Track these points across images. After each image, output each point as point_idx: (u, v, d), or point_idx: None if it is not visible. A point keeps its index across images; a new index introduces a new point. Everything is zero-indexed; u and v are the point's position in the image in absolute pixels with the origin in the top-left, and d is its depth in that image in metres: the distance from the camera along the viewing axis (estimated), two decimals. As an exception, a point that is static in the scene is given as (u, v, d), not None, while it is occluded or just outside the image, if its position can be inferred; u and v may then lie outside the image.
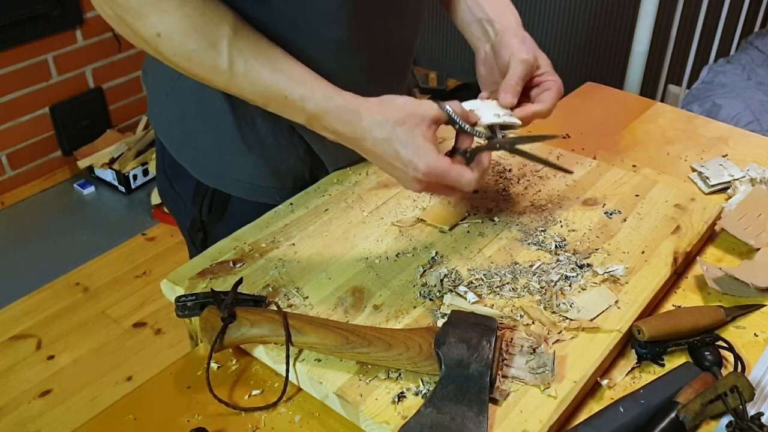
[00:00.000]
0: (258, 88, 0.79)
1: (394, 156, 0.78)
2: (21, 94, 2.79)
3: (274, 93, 0.79)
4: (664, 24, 2.57)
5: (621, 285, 0.84)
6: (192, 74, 0.81)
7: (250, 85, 0.79)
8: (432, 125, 0.79)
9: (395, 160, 0.78)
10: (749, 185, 1.05)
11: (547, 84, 0.90)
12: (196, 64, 0.79)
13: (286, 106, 0.80)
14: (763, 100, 2.03)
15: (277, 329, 0.74)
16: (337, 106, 0.79)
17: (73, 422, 1.96)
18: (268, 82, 0.79)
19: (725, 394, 0.68)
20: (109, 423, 0.74)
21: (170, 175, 1.08)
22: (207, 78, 0.80)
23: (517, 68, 0.87)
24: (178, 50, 0.78)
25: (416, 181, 0.79)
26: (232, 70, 0.78)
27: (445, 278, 0.85)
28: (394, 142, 0.77)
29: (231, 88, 0.81)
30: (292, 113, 0.81)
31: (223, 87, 0.81)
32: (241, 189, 1.03)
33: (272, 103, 0.81)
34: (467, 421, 0.66)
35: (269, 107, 0.82)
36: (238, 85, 0.80)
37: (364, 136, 0.78)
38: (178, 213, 1.11)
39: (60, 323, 2.32)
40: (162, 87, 1.02)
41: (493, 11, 0.95)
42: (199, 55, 0.78)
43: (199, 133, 1.00)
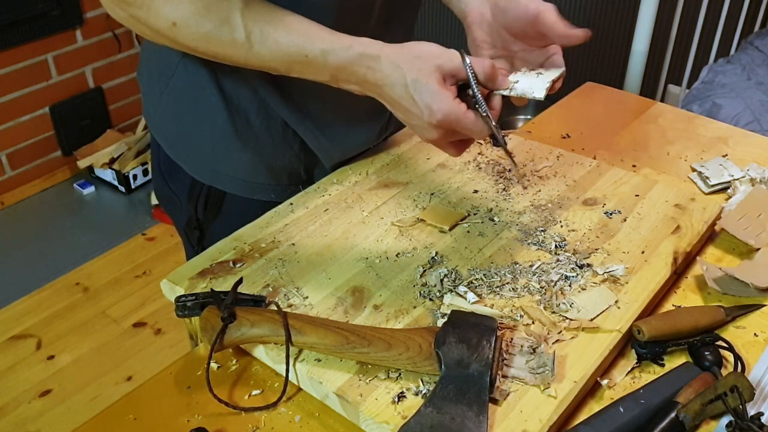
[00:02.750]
0: (278, 53, 0.79)
1: (410, 101, 0.76)
2: (21, 94, 2.79)
3: (295, 54, 0.79)
4: (664, 24, 2.57)
5: (621, 285, 0.84)
6: (213, 55, 0.81)
7: (269, 52, 0.79)
8: (450, 77, 0.76)
9: (412, 106, 0.76)
10: (749, 185, 1.05)
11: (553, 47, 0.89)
12: (215, 43, 0.79)
13: (309, 65, 0.79)
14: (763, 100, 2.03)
15: (277, 329, 0.74)
16: (358, 54, 0.78)
17: (73, 422, 1.96)
18: (287, 45, 0.78)
19: (725, 394, 0.68)
20: (109, 423, 0.74)
21: (165, 173, 1.08)
22: (229, 55, 0.80)
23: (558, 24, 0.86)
24: (196, 34, 0.78)
25: (432, 127, 0.77)
26: (250, 41, 0.78)
27: (445, 278, 0.85)
28: (410, 86, 0.76)
29: (253, 61, 0.80)
30: (316, 72, 0.80)
31: (245, 61, 0.81)
32: (236, 186, 1.03)
33: (295, 66, 0.80)
34: (467, 421, 0.66)
35: (293, 72, 0.81)
36: (259, 54, 0.79)
37: (384, 82, 0.77)
38: (174, 212, 1.11)
39: (60, 323, 2.32)
40: (156, 85, 1.02)
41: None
42: (216, 33, 0.78)
43: (193, 130, 1.00)
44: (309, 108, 0.98)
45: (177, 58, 0.96)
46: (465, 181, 1.04)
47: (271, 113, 0.91)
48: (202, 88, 0.95)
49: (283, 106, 0.96)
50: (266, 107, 0.96)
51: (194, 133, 1.00)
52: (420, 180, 1.04)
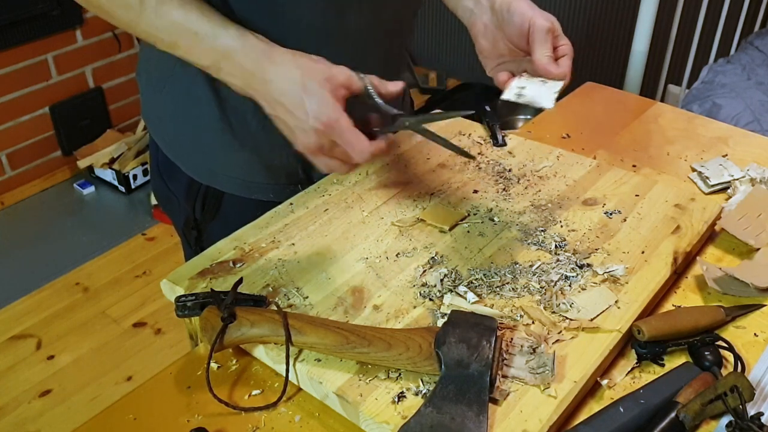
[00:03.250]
0: (167, 23, 0.78)
1: (297, 103, 0.75)
2: (21, 94, 2.79)
3: (184, 29, 0.78)
4: (664, 24, 2.57)
5: (621, 285, 0.84)
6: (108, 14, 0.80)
7: (158, 19, 0.78)
8: (341, 88, 0.76)
9: (297, 108, 0.76)
10: (749, 185, 1.05)
11: (562, 49, 0.87)
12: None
13: (196, 44, 0.78)
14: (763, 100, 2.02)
15: (277, 329, 0.74)
16: (251, 44, 0.77)
17: (73, 422, 1.96)
18: (179, 18, 0.77)
19: (725, 394, 0.68)
20: (109, 423, 0.74)
21: (164, 173, 1.08)
22: (119, 16, 0.79)
23: (545, 40, 0.84)
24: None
25: (313, 131, 0.76)
26: (143, 5, 0.77)
27: (445, 278, 0.85)
28: (299, 87, 0.75)
29: (141, 27, 0.79)
30: (200, 53, 0.79)
31: (134, 26, 0.80)
32: (233, 185, 1.03)
33: (181, 42, 0.79)
34: (467, 421, 0.66)
35: (178, 48, 0.80)
36: (148, 20, 0.78)
37: (272, 78, 0.76)
38: (172, 212, 1.11)
39: (60, 323, 2.32)
40: (154, 85, 1.02)
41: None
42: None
43: (190, 129, 1.00)
44: None
45: (174, 57, 0.96)
46: (465, 181, 1.04)
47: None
48: (199, 88, 0.95)
49: None
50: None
51: (192, 133, 1.00)
52: (420, 180, 1.04)
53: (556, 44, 0.87)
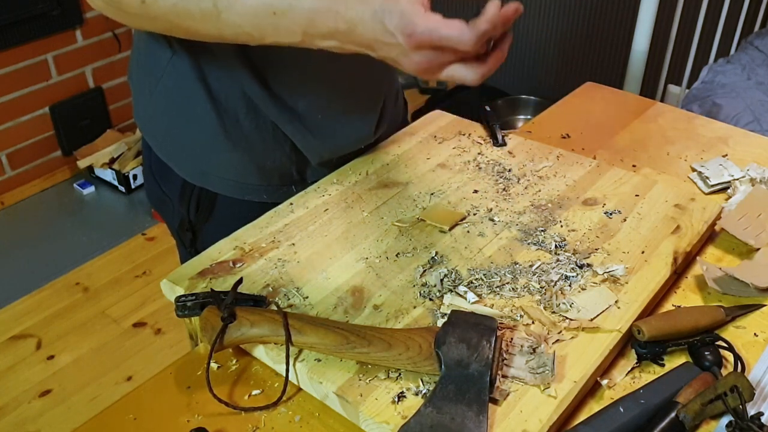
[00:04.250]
0: (246, 15, 0.76)
1: (382, 30, 0.70)
2: (21, 94, 2.79)
3: (263, 13, 0.75)
4: (664, 24, 2.57)
5: (621, 285, 0.84)
6: (187, 30, 0.79)
7: (238, 15, 0.76)
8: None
9: (385, 34, 0.70)
10: (749, 185, 1.05)
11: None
12: (185, 16, 0.77)
13: (279, 25, 0.75)
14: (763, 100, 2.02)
15: (277, 329, 0.74)
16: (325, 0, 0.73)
17: (73, 422, 1.96)
18: (254, 5, 0.75)
19: (725, 394, 0.68)
20: (109, 423, 0.74)
21: (157, 175, 1.08)
22: (201, 28, 0.78)
23: None
24: (164, 7, 0.77)
25: (413, 50, 0.69)
26: (218, 8, 0.76)
27: (445, 278, 0.85)
28: (377, 13, 0.69)
29: (226, 30, 0.78)
30: (288, 31, 0.76)
31: (218, 32, 0.78)
32: (226, 187, 1.02)
33: (267, 30, 0.76)
34: (467, 421, 0.66)
35: (267, 37, 0.77)
36: (229, 21, 0.76)
37: (355, 21, 0.71)
38: (166, 213, 1.11)
39: (60, 323, 2.32)
40: (146, 86, 1.02)
41: None
42: (183, 4, 0.76)
43: (183, 130, 1.00)
44: (297, 108, 0.98)
45: (166, 58, 0.96)
46: (465, 181, 1.04)
47: (260, 113, 0.90)
48: (191, 89, 0.95)
49: (271, 105, 0.96)
50: (255, 107, 0.96)
51: (184, 134, 1.00)
52: (420, 180, 1.04)
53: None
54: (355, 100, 1.04)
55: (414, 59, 0.71)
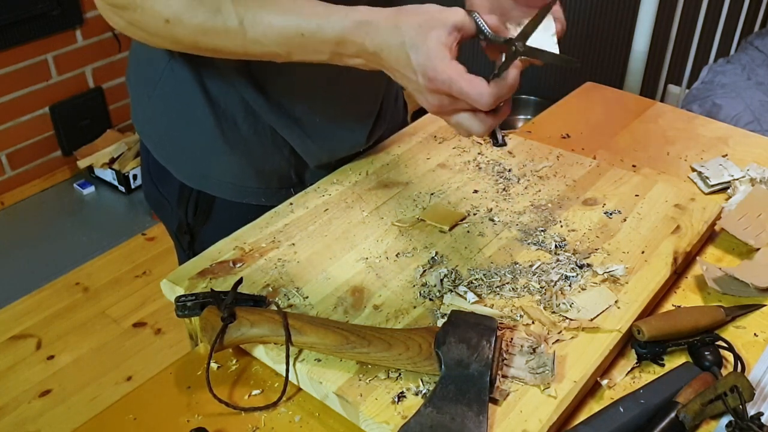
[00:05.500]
0: (273, 36, 0.76)
1: (405, 63, 0.71)
2: (21, 94, 2.79)
3: (291, 35, 0.76)
4: (664, 24, 2.57)
5: (621, 285, 0.84)
6: (214, 49, 0.80)
7: (264, 36, 0.76)
8: (453, 32, 0.70)
9: (407, 68, 0.71)
10: (749, 185, 1.05)
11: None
12: (212, 35, 0.77)
13: (307, 44, 0.76)
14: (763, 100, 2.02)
15: (277, 329, 0.74)
16: (354, 22, 0.74)
17: (73, 422, 1.96)
18: (281, 26, 0.76)
19: (725, 394, 0.68)
20: (109, 423, 0.74)
21: (155, 177, 1.07)
22: (228, 47, 0.79)
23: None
24: (189, 27, 0.77)
25: (429, 91, 0.71)
26: (244, 27, 0.76)
27: (445, 278, 0.85)
28: (406, 45, 0.70)
29: (252, 48, 0.78)
30: (316, 50, 0.76)
31: (245, 50, 0.78)
32: (225, 190, 1.02)
33: (295, 48, 0.77)
34: (467, 421, 0.66)
35: (294, 55, 0.78)
36: (255, 40, 0.77)
37: (382, 47, 0.72)
38: (164, 215, 1.11)
39: (60, 323, 2.32)
40: (144, 89, 1.02)
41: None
42: (210, 24, 0.76)
43: (181, 134, 1.00)
44: (295, 112, 0.97)
45: (164, 62, 0.96)
46: (465, 181, 1.04)
47: (258, 118, 0.90)
48: (189, 93, 0.95)
49: (268, 110, 0.96)
50: (253, 112, 0.96)
51: (182, 137, 1.00)
52: (420, 180, 1.04)
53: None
54: (353, 103, 1.03)
55: (428, 99, 0.72)
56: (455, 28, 0.70)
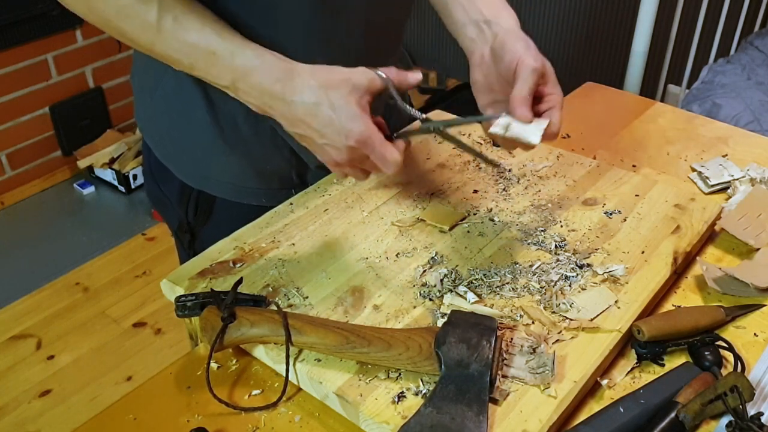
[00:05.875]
0: (185, 45, 0.77)
1: (324, 121, 0.74)
2: (21, 94, 2.79)
3: (202, 49, 0.77)
4: (664, 24, 2.57)
5: (621, 285, 0.84)
6: (121, 33, 0.79)
7: (176, 41, 0.77)
8: (366, 94, 0.75)
9: (325, 126, 0.74)
10: (749, 185, 1.05)
11: (551, 99, 0.83)
12: (125, 20, 0.77)
13: (214, 63, 0.77)
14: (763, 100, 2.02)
15: (277, 329, 0.74)
16: (269, 62, 0.76)
17: (73, 422, 1.96)
18: (196, 39, 0.76)
19: (725, 394, 0.68)
20: (109, 423, 0.74)
21: (157, 176, 1.08)
22: (136, 37, 0.78)
23: (528, 79, 0.80)
24: (112, 4, 0.76)
25: (346, 149, 0.74)
26: (160, 25, 0.76)
27: (445, 278, 0.85)
28: (325, 105, 0.73)
29: (158, 47, 0.78)
30: (218, 73, 0.78)
31: (150, 46, 0.78)
32: (225, 190, 1.02)
33: (199, 63, 0.78)
34: (467, 421, 0.66)
35: (195, 69, 0.79)
36: (165, 41, 0.77)
37: (293, 98, 0.75)
38: (165, 214, 1.11)
39: (60, 323, 2.32)
40: (146, 88, 1.02)
41: (489, 12, 0.88)
42: (129, 8, 0.76)
43: (182, 134, 1.00)
44: None
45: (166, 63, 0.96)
46: (465, 181, 1.04)
47: (259, 118, 0.90)
48: (190, 93, 0.95)
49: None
50: (254, 112, 0.96)
51: (183, 138, 1.00)
52: (420, 180, 1.04)
53: (544, 90, 0.83)
54: None
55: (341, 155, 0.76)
56: (367, 90, 0.75)
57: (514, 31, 0.85)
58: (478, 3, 0.89)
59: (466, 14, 0.90)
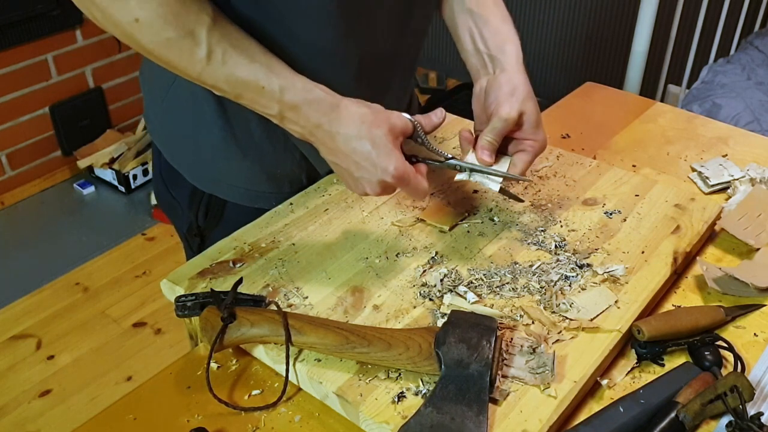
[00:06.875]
0: (234, 78, 0.78)
1: (364, 155, 0.78)
2: (21, 94, 2.79)
3: (251, 83, 0.79)
4: (664, 24, 2.57)
5: (621, 285, 0.84)
6: (167, 63, 0.80)
7: (225, 75, 0.78)
8: (400, 135, 0.80)
9: (365, 160, 0.78)
10: (749, 185, 1.05)
11: (525, 145, 0.87)
12: (174, 52, 0.77)
13: (262, 96, 0.79)
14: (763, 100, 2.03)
15: (277, 329, 0.74)
16: (317, 98, 0.79)
17: (73, 422, 1.96)
18: (246, 73, 0.78)
19: (725, 394, 0.68)
20: (109, 423, 0.74)
21: (166, 179, 1.07)
22: (183, 67, 0.79)
23: (496, 126, 0.85)
24: (156, 37, 0.76)
25: (380, 183, 0.79)
26: (210, 59, 0.77)
27: (445, 278, 0.85)
28: (368, 141, 0.78)
29: (205, 78, 0.79)
30: (265, 105, 0.80)
31: (197, 76, 0.79)
32: (236, 194, 1.02)
33: (247, 94, 0.80)
34: (467, 421, 0.66)
35: (242, 99, 0.81)
36: (213, 74, 0.78)
37: (338, 131, 0.79)
38: (175, 217, 1.11)
39: (60, 323, 2.32)
40: (157, 92, 1.02)
41: (495, 42, 0.91)
42: (178, 42, 0.76)
43: (193, 138, 1.00)
44: None
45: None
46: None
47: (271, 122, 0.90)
48: (201, 97, 0.94)
49: None
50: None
51: (194, 142, 1.00)
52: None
53: (519, 135, 0.86)
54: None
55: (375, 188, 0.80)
56: (401, 132, 0.80)
57: (509, 72, 0.88)
58: (485, 31, 0.92)
59: (473, 43, 0.93)
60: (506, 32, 0.92)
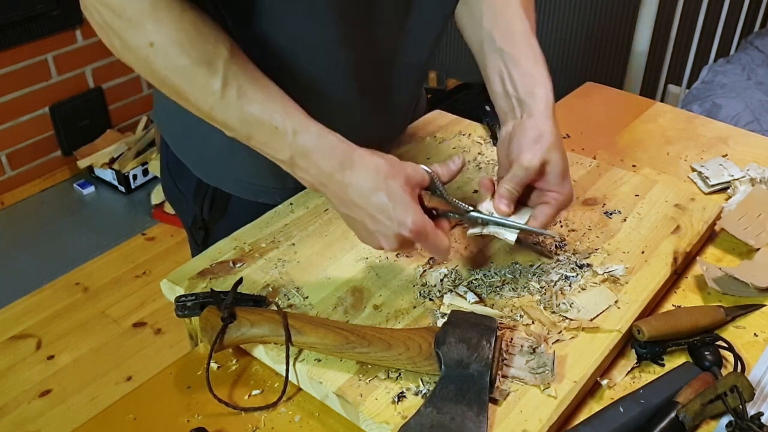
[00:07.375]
0: (247, 114, 0.75)
1: (380, 208, 0.74)
2: (21, 94, 2.79)
3: (265, 122, 0.75)
4: (664, 24, 2.57)
5: (621, 285, 0.84)
6: (178, 92, 0.77)
7: (239, 110, 0.75)
8: (417, 187, 0.77)
9: (380, 213, 0.74)
10: (749, 185, 1.05)
11: (548, 197, 0.82)
12: (187, 81, 0.75)
13: (275, 138, 0.76)
14: (763, 100, 2.03)
15: (277, 329, 0.74)
16: (331, 144, 0.75)
17: (73, 422, 1.96)
18: (260, 110, 0.75)
19: (725, 394, 0.68)
20: (109, 423, 0.74)
21: (173, 172, 1.08)
22: (195, 98, 0.76)
23: (517, 174, 0.80)
24: (171, 64, 0.74)
25: (397, 237, 0.75)
26: (224, 93, 0.74)
27: (445, 278, 0.85)
28: (383, 192, 0.74)
29: (217, 113, 0.76)
30: (278, 148, 0.76)
31: (208, 110, 0.76)
32: (241, 188, 1.03)
33: (259, 135, 0.76)
34: (467, 421, 0.66)
35: (252, 140, 0.77)
36: (226, 108, 0.75)
37: (351, 181, 0.75)
38: (180, 210, 1.12)
39: (60, 323, 2.32)
40: None
41: (524, 85, 0.84)
42: (192, 71, 0.73)
43: (199, 132, 1.00)
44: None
45: None
46: (465, 181, 1.04)
47: None
48: None
49: None
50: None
51: (200, 135, 1.00)
52: (420, 180, 1.04)
53: (542, 186, 0.82)
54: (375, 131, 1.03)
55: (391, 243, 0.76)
56: (418, 183, 0.77)
57: (537, 118, 0.82)
58: (514, 73, 0.85)
59: (502, 85, 0.86)
60: (537, 75, 0.85)
